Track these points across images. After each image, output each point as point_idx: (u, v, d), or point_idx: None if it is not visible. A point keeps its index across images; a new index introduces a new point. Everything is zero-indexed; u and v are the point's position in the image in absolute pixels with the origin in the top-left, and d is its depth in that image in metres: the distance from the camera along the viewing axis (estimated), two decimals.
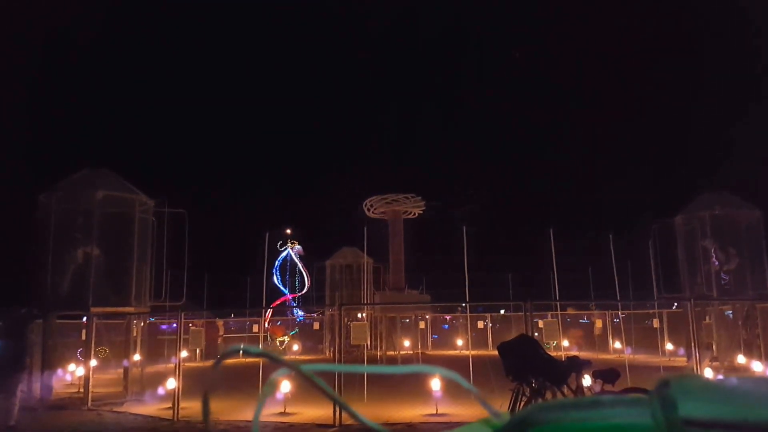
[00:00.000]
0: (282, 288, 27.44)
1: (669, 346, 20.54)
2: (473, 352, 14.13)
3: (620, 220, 34.40)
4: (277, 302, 25.26)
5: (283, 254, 27.68)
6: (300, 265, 28.26)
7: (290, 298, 27.80)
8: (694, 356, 12.52)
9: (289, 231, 27.64)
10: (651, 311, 22.83)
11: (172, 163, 50.72)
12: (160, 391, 12.49)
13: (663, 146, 48.17)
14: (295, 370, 0.78)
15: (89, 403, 12.25)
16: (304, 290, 28.35)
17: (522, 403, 8.22)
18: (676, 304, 22.25)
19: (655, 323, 21.52)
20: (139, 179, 15.77)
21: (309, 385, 0.76)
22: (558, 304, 17.70)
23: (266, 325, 23.95)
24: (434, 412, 10.20)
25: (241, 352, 0.84)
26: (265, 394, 0.84)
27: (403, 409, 10.57)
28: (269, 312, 22.38)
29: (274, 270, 27.21)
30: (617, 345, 21.47)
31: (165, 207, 15.66)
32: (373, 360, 18.27)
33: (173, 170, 48.39)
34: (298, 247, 28.88)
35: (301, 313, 28.35)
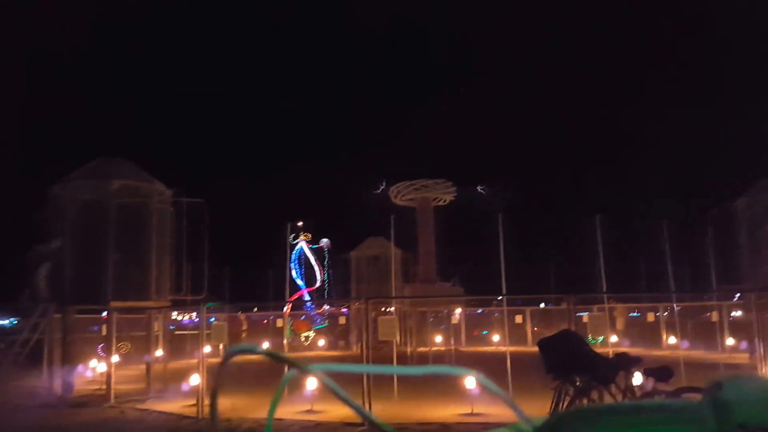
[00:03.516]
0: (299, 282, 27.85)
1: (729, 341, 20.30)
2: (511, 348, 14.22)
3: (675, 204, 33.96)
4: (294, 296, 25.64)
5: (297, 248, 28.07)
6: (312, 259, 28.63)
7: (305, 292, 28.18)
8: (758, 352, 12.39)
9: (300, 223, 28.01)
10: (709, 303, 22.55)
11: (189, 151, 51.54)
12: (184, 387, 12.89)
13: (722, 124, 47.20)
14: (303, 370, 0.81)
15: (111, 400, 12.71)
16: (317, 285, 28.73)
17: (565, 403, 8.30)
18: (738, 295, 21.94)
19: (714, 316, 21.26)
20: (154, 168, 16.10)
21: (320, 384, 0.84)
22: (605, 296, 17.60)
23: (286, 318, 24.38)
24: (470, 411, 10.35)
25: (248, 351, 0.86)
26: (278, 395, 0.86)
27: (437, 408, 10.75)
28: (288, 306, 22.75)
29: (292, 263, 27.62)
30: (672, 340, 21.30)
31: (183, 197, 15.98)
32: (402, 357, 18.48)
33: (190, 159, 49.19)
34: (325, 240, 29.23)
35: (320, 309, 28.74)
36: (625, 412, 0.75)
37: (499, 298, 19.44)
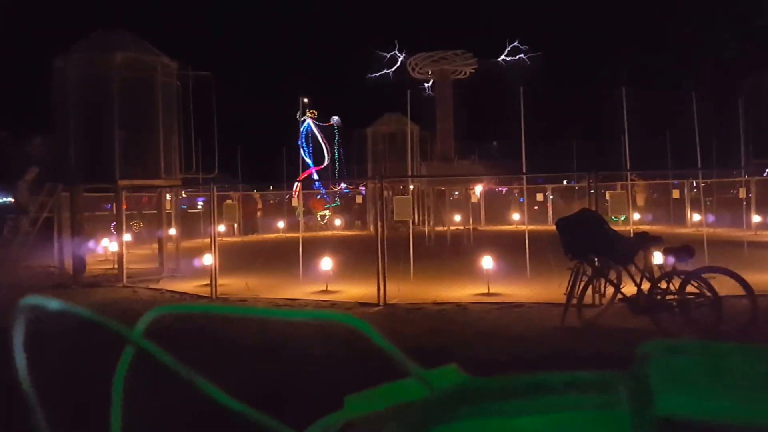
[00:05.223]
0: (308, 161, 27.81)
1: (755, 219, 20.09)
2: (531, 227, 14.16)
3: (704, 75, 32.72)
4: (303, 175, 25.64)
5: (304, 126, 27.78)
6: (319, 137, 28.41)
7: (313, 171, 28.19)
8: None
9: (305, 100, 27.55)
10: (737, 180, 22.21)
11: (192, 21, 49.87)
12: (197, 266, 13.12)
13: None
14: (125, 334, 0.64)
15: (124, 280, 12.98)
16: (325, 164, 28.71)
17: (581, 283, 8.29)
18: (767, 171, 21.57)
19: (741, 193, 20.96)
20: (156, 39, 15.51)
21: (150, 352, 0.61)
22: (629, 174, 17.27)
23: (295, 196, 24.54)
24: (486, 291, 10.42)
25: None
26: (122, 370, 0.67)
27: (453, 288, 10.84)
28: (298, 185, 22.81)
29: (300, 142, 27.46)
30: (696, 217, 21.18)
31: (188, 70, 15.51)
32: (420, 236, 18.56)
33: (193, 29, 47.69)
34: (336, 117, 28.82)
35: (335, 188, 28.85)
36: (523, 391, 0.60)
37: (520, 176, 19.15)
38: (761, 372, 0.57)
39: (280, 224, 25.59)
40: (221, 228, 17.76)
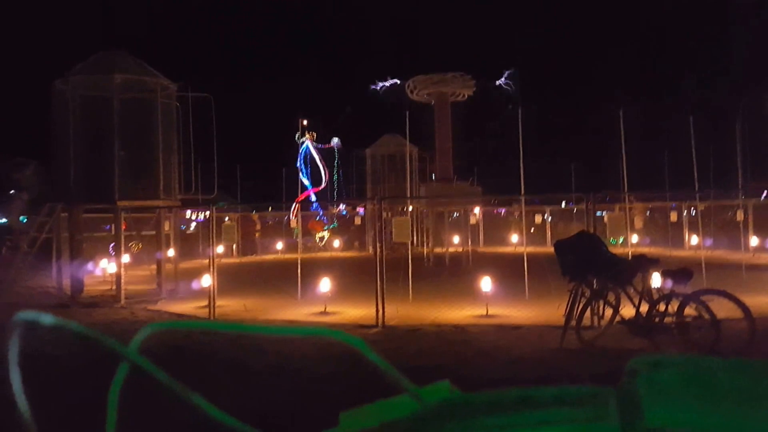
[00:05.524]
0: (306, 182, 27.93)
1: (754, 241, 20.12)
2: (529, 249, 14.16)
3: (702, 96, 32.97)
4: (302, 196, 25.77)
5: (303, 147, 27.95)
6: (317, 159, 28.57)
7: (311, 192, 28.29)
8: None
9: (305, 122, 27.73)
10: (735, 202, 22.26)
11: (192, 43, 50.27)
12: (195, 287, 13.08)
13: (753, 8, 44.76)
14: (120, 351, 0.63)
15: (122, 301, 12.94)
16: (322, 185, 28.84)
17: (580, 305, 8.28)
18: (766, 192, 21.63)
19: (739, 215, 21.01)
20: (156, 62, 15.64)
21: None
22: (626, 196, 17.30)
23: (293, 217, 24.54)
24: (484, 313, 10.40)
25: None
26: (115, 392, 0.65)
27: (451, 310, 10.81)
28: (297, 206, 22.87)
29: (299, 164, 27.59)
30: (694, 240, 21.20)
31: (188, 91, 15.62)
32: (419, 258, 18.54)
33: (194, 52, 48.05)
34: (336, 139, 29.02)
35: (334, 210, 28.96)
36: (510, 405, 0.61)
37: (518, 197, 19.19)
38: (747, 386, 0.58)
39: (279, 245, 25.57)
40: (219, 249, 17.75)
